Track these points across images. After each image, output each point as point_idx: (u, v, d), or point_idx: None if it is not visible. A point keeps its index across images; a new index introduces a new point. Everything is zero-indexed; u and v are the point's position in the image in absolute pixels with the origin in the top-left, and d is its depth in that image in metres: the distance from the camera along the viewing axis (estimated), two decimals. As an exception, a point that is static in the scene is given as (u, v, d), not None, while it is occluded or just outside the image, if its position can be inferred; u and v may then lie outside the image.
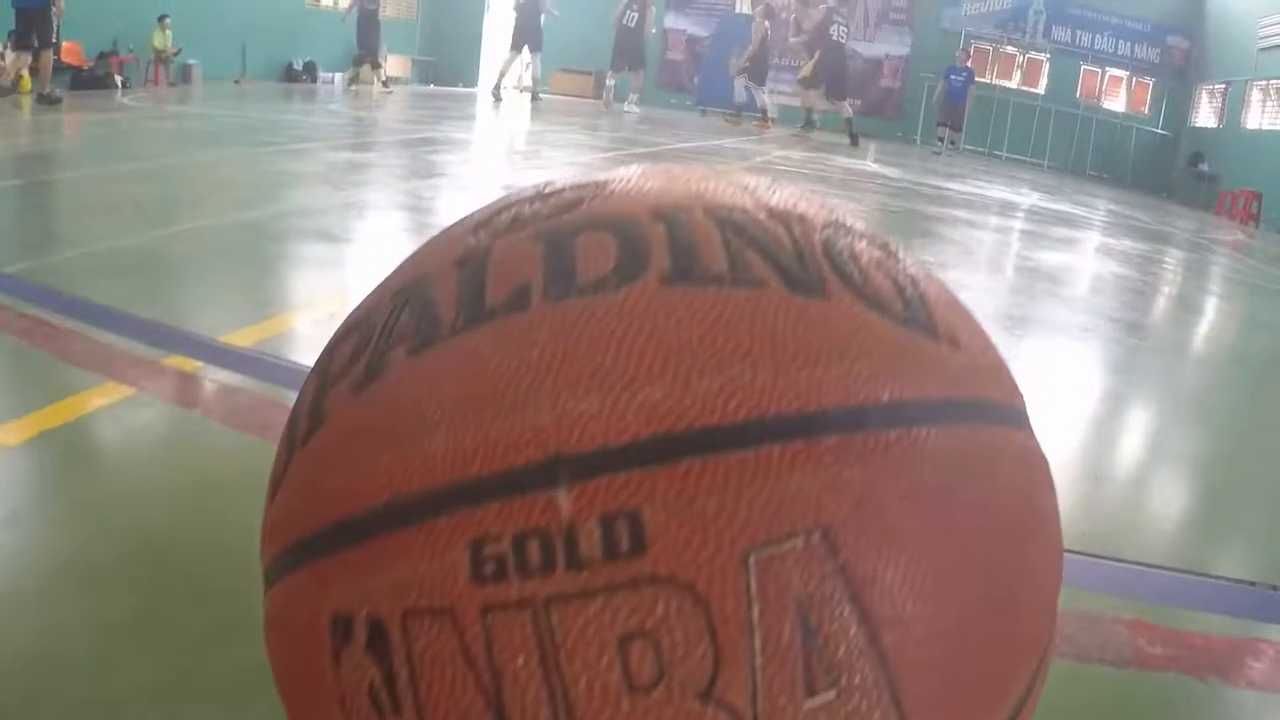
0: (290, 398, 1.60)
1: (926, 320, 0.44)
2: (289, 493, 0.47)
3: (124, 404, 1.52)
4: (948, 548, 0.39)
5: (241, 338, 1.85)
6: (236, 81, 18.88)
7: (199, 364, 1.71)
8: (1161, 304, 3.79)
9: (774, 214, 0.46)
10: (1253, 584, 1.42)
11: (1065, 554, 0.49)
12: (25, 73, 9.94)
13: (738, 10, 17.42)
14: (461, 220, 0.52)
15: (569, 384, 0.38)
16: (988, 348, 0.50)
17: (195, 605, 1.00)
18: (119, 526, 1.17)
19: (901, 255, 0.50)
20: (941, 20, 22.36)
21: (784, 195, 0.50)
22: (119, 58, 16.21)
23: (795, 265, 0.43)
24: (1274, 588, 1.43)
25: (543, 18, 16.18)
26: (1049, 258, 4.30)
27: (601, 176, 0.50)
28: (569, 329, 0.40)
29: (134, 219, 2.96)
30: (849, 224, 0.49)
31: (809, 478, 0.37)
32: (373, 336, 0.45)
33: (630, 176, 0.50)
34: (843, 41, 15.42)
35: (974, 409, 0.44)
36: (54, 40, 9.73)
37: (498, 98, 15.25)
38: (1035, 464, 0.48)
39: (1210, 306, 4.27)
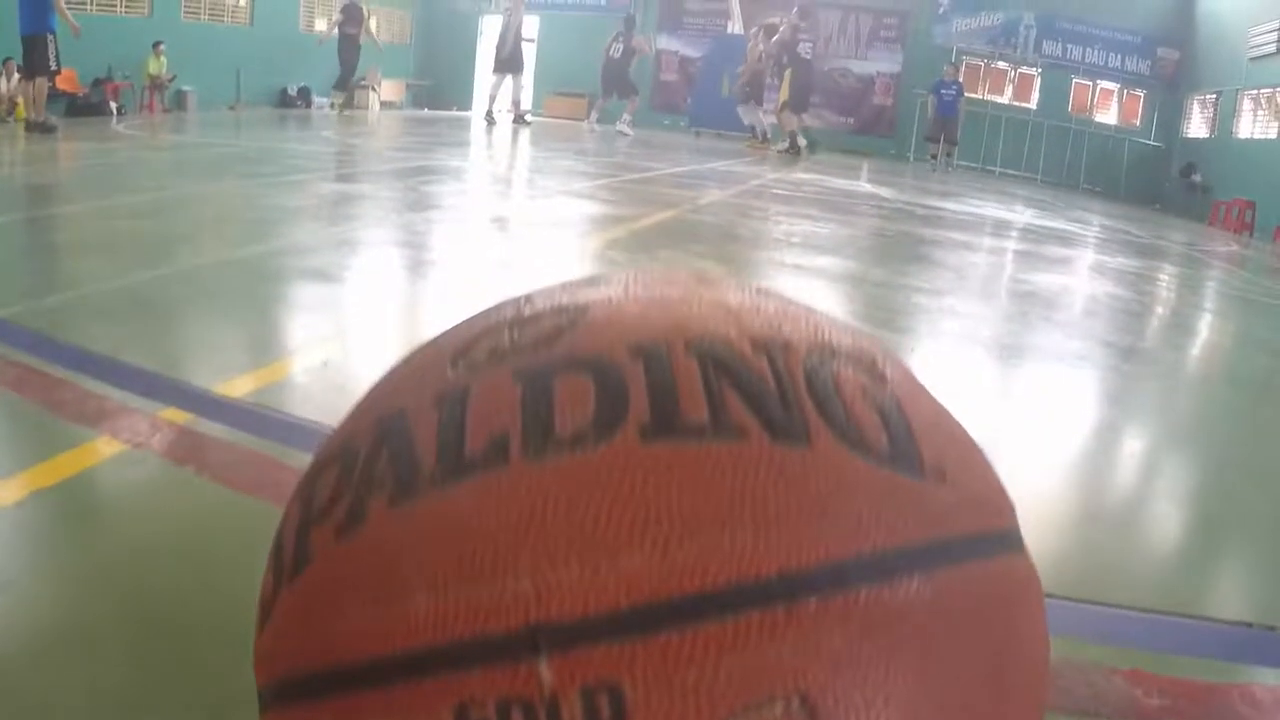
0: (282, 454, 1.60)
1: (911, 454, 0.44)
2: (278, 626, 0.47)
3: (117, 461, 1.51)
4: (928, 700, 0.39)
5: (235, 387, 1.84)
6: (231, 108, 18.93)
7: (192, 416, 1.70)
8: (1156, 326, 3.79)
9: (757, 343, 0.46)
10: (1249, 625, 1.41)
11: (1059, 601, 0.49)
12: (20, 100, 9.96)
13: (730, 31, 17.47)
14: (441, 340, 0.52)
15: (548, 550, 0.38)
16: (975, 469, 0.50)
17: (189, 678, 0.99)
18: (113, 592, 1.16)
19: (888, 373, 0.49)
20: (933, 37, 22.43)
21: (768, 316, 0.49)
22: (114, 84, 16.25)
23: (778, 409, 0.42)
24: (1271, 628, 1.42)
25: (523, 43, 16.30)
26: (1043, 279, 4.31)
27: (582, 295, 0.49)
28: (548, 491, 0.39)
29: (128, 258, 2.95)
30: (835, 341, 0.49)
31: (789, 645, 0.37)
32: (354, 474, 0.45)
33: (611, 298, 0.50)
34: (809, 58, 15.44)
35: (958, 547, 0.43)
36: (51, 69, 9.74)
37: (490, 121, 15.33)
38: (1022, 590, 0.48)
39: (1205, 325, 4.28)
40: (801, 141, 15.03)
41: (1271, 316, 5.14)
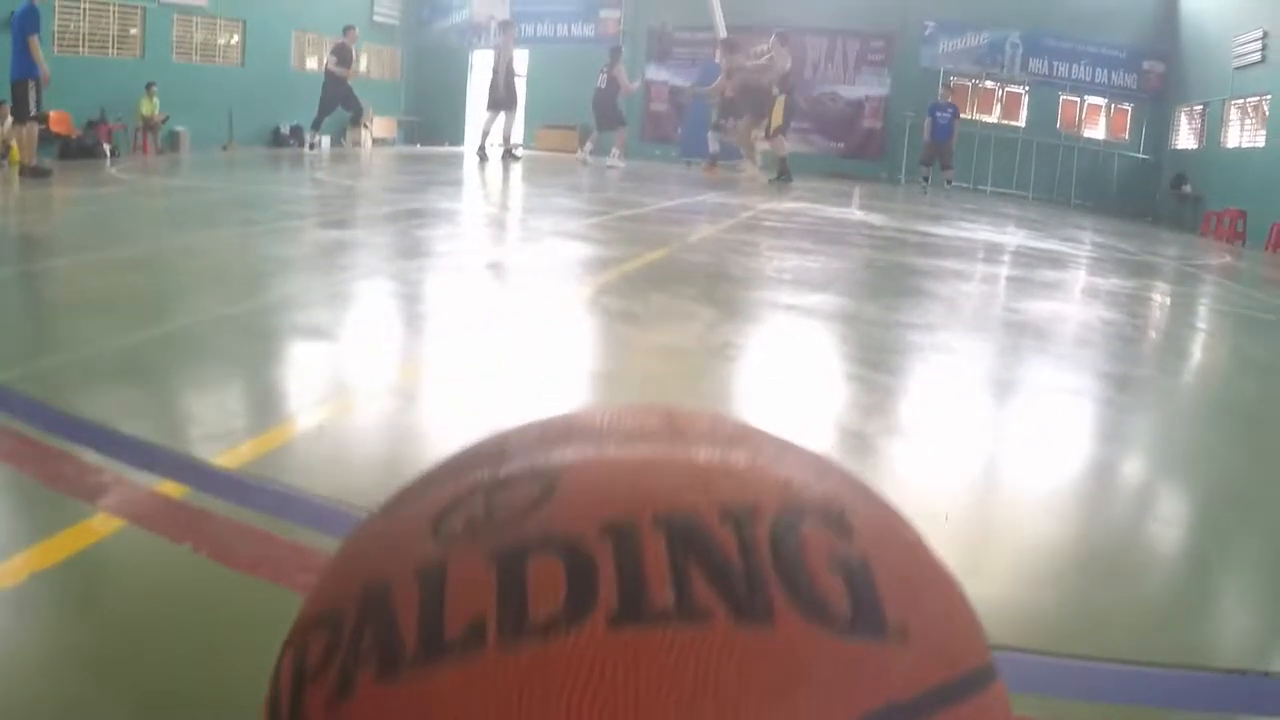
0: (279, 527, 1.60)
1: (874, 616, 0.45)
2: None
3: (116, 539, 1.51)
4: None
5: (232, 457, 1.84)
6: (224, 147, 19.00)
7: (189, 489, 1.71)
8: (1150, 352, 3.79)
9: (725, 512, 0.47)
10: (1244, 673, 1.41)
11: (1053, 659, 0.50)
12: (14, 143, 10.00)
13: (718, 60, 17.56)
14: (422, 497, 0.54)
15: None
16: (942, 613, 0.51)
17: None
18: (113, 673, 1.16)
19: (857, 523, 0.50)
20: (920, 59, 22.57)
21: (737, 474, 0.50)
22: (107, 126, 16.33)
23: (743, 586, 0.44)
24: (1266, 674, 1.42)
25: (515, 79, 16.41)
26: (1036, 308, 4.32)
27: (555, 457, 0.51)
28: (523, 681, 0.41)
29: (123, 317, 2.96)
30: (804, 497, 0.50)
31: None
32: (341, 642, 0.47)
33: (583, 463, 0.51)
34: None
35: (922, 702, 0.45)
36: (33, 114, 9.78)
37: (483, 157, 15.43)
38: None
39: (1198, 347, 4.28)
40: (789, 169, 15.09)
41: (1264, 332, 5.14)
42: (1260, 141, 17.40)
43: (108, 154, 15.62)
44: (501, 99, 16.01)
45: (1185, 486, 2.20)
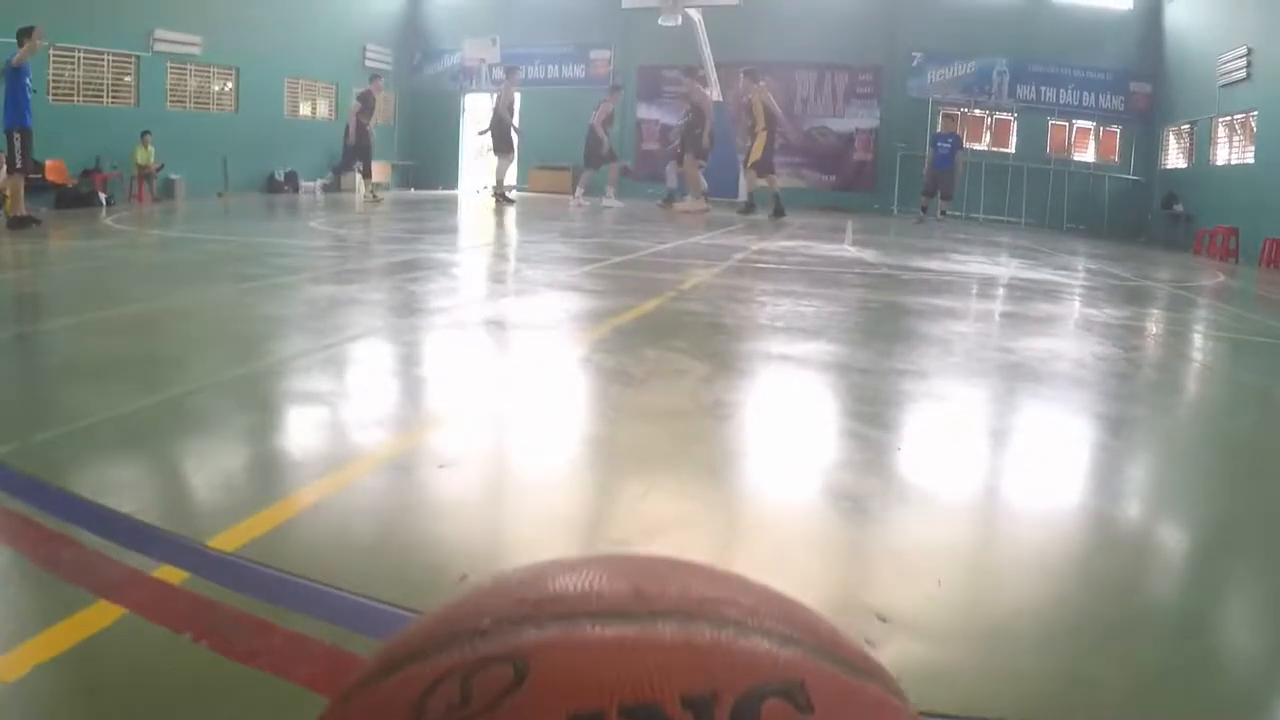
0: (277, 615, 1.60)
1: None
2: None
3: (117, 629, 1.51)
4: None
5: (230, 538, 1.83)
6: (219, 195, 19.10)
7: (188, 575, 1.71)
8: (1145, 388, 3.79)
9: (687, 700, 0.48)
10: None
11: None
12: (8, 193, 10.05)
13: (712, 96, 17.69)
14: (403, 674, 0.54)
15: None
16: None
17: None
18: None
19: (816, 696, 0.51)
20: (908, 90, 22.74)
21: (701, 654, 0.51)
22: (102, 174, 16.41)
23: None
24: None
25: (513, 124, 16.53)
26: (1030, 346, 4.32)
27: (529, 635, 0.51)
28: None
29: (119, 385, 2.97)
30: (767, 672, 0.51)
31: None
32: None
33: (557, 642, 0.52)
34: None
35: None
36: (19, 165, 9.84)
37: (508, 201, 15.79)
38: None
39: (1193, 380, 4.28)
40: (755, 201, 15.23)
41: (1260, 356, 5.14)
42: (1249, 158, 17.50)
43: (103, 203, 15.70)
44: (502, 144, 16.16)
45: (1182, 538, 2.20)
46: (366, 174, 17.38)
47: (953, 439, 2.74)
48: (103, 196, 15.96)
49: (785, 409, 2.97)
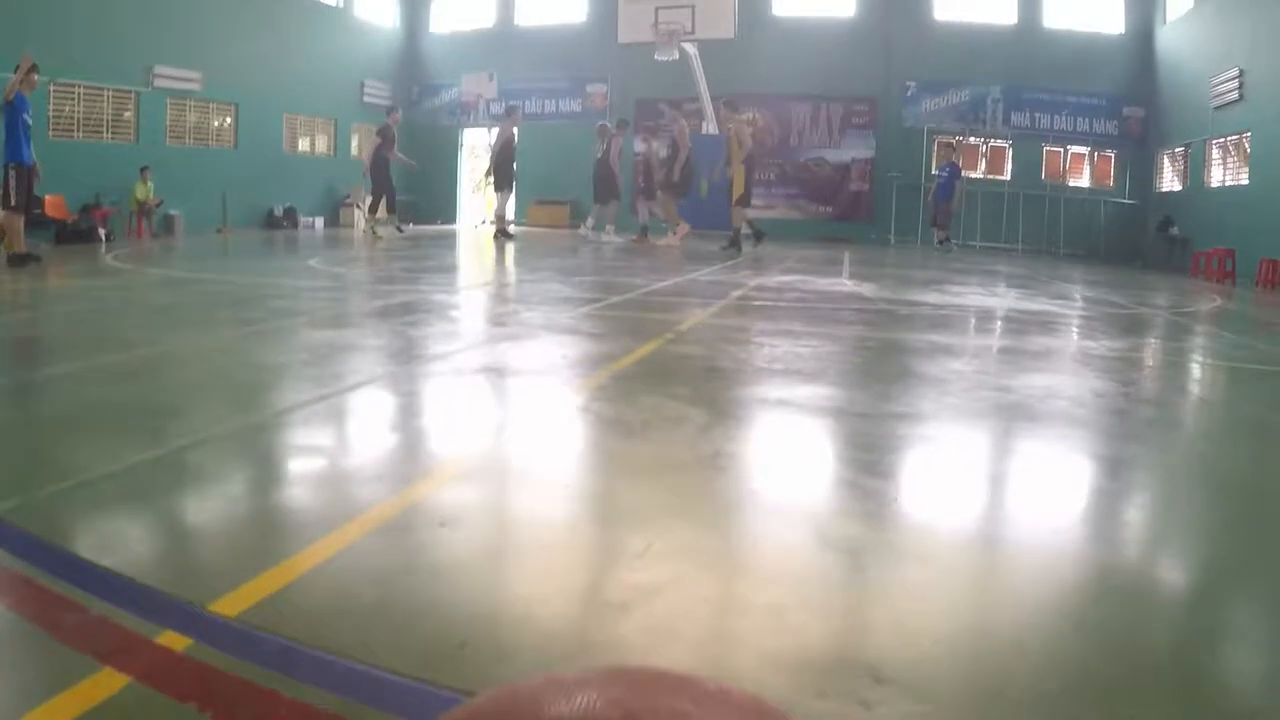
0: (282, 684, 1.60)
1: None
2: None
3: (121, 699, 1.51)
4: None
5: (233, 601, 1.82)
6: (219, 230, 19.17)
7: (190, 640, 1.71)
8: (1142, 425, 3.78)
9: None
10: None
11: None
12: (6, 231, 10.10)
13: (705, 131, 17.80)
14: None
15: None
16: None
17: None
18: None
19: None
20: (903, 119, 22.89)
21: None
22: (102, 210, 16.49)
23: None
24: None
25: (512, 160, 16.59)
26: (1028, 384, 4.33)
27: None
28: None
29: (119, 437, 2.99)
30: None
31: None
32: None
33: None
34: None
35: None
36: (10, 204, 9.86)
37: (505, 235, 15.82)
38: None
39: (1191, 414, 4.28)
40: (747, 231, 15.31)
41: (1257, 386, 5.14)
42: (1244, 179, 17.58)
43: (103, 238, 15.77)
44: (502, 179, 16.26)
45: (1180, 585, 2.19)
46: (374, 209, 17.42)
47: (949, 487, 2.74)
48: (102, 232, 16.03)
49: (782, 459, 2.98)
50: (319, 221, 22.97)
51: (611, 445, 3.06)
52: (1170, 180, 21.77)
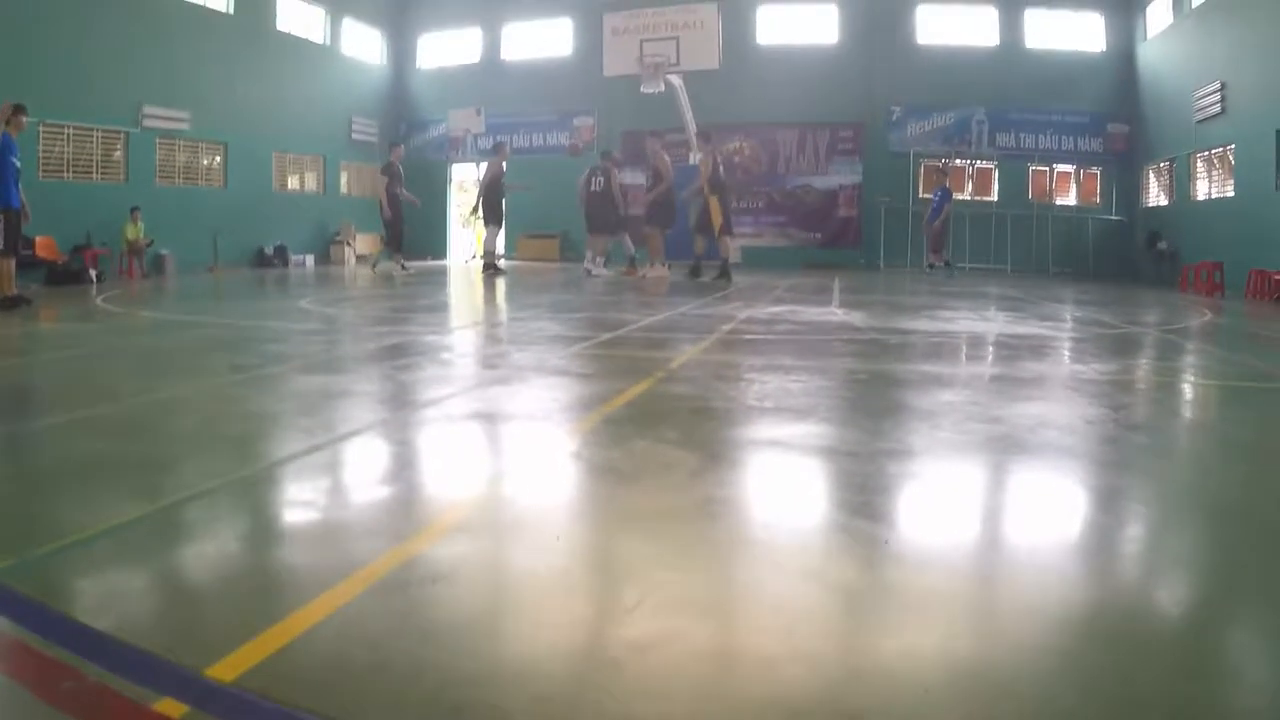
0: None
1: None
2: None
3: None
4: None
5: (229, 665, 1.81)
6: (209, 269, 19.20)
7: (188, 708, 1.70)
8: (1134, 452, 3.78)
9: None
10: None
11: None
12: None
13: (691, 162, 17.88)
14: None
15: None
16: None
17: None
18: None
19: None
20: (889, 144, 23.06)
21: None
22: (93, 251, 16.51)
23: None
24: None
25: (502, 195, 16.68)
26: (1019, 414, 4.34)
27: None
28: None
29: (112, 492, 2.99)
30: None
31: None
32: None
33: None
34: (726, 182, 15.86)
35: None
36: (2, 247, 9.86)
37: (496, 270, 15.88)
38: None
39: (1183, 438, 4.28)
40: (735, 260, 15.44)
41: (1249, 404, 5.16)
42: (1229, 191, 17.72)
43: (94, 279, 15.79)
44: (491, 214, 16.33)
45: (1176, 622, 2.18)
46: (395, 245, 17.45)
47: (940, 528, 2.75)
48: (93, 273, 16.05)
49: (773, 503, 2.98)
50: (309, 259, 23.01)
51: (603, 493, 3.06)
52: (1156, 195, 21.93)
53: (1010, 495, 3.25)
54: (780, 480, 3.30)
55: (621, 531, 2.69)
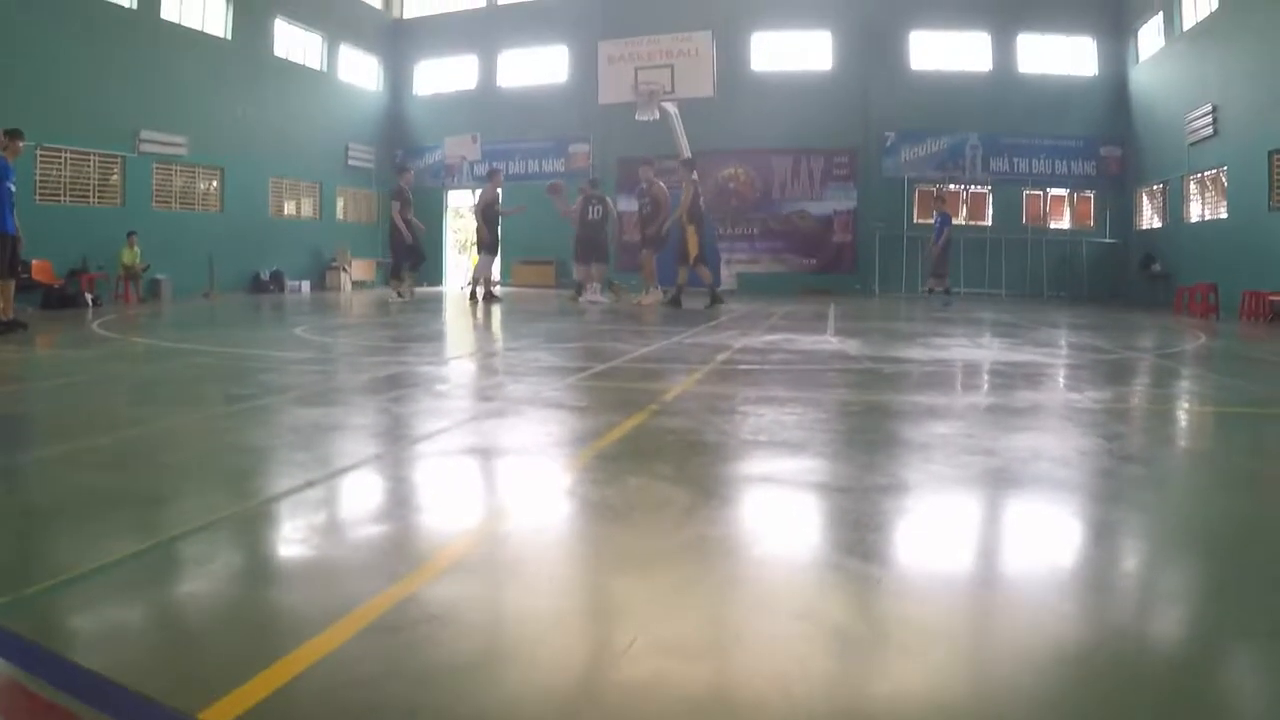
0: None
1: None
2: None
3: None
4: None
5: (224, 708, 1.79)
6: (205, 294, 19.24)
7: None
8: (1129, 483, 3.78)
9: None
10: None
11: None
12: None
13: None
14: None
15: None
16: None
17: None
18: None
19: None
20: (884, 169, 23.19)
21: None
22: (89, 275, 16.54)
23: None
24: None
25: (498, 223, 16.73)
26: (1012, 446, 4.35)
27: None
28: None
29: (106, 526, 2.99)
30: None
31: None
32: None
33: None
34: (705, 211, 15.95)
35: None
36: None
37: (493, 298, 15.90)
38: None
39: (1181, 467, 4.27)
40: (730, 286, 15.52)
41: (1244, 431, 5.18)
42: (1222, 213, 17.82)
43: (89, 303, 15.81)
44: (486, 242, 16.37)
45: (1172, 665, 2.18)
46: (414, 267, 17.43)
47: (932, 566, 2.75)
48: (89, 297, 16.09)
49: (765, 542, 2.98)
50: (305, 285, 23.07)
51: (596, 532, 3.06)
52: (1150, 218, 22.05)
53: (1003, 531, 3.25)
54: (773, 518, 3.30)
55: (614, 571, 2.69)
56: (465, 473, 3.94)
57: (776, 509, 3.41)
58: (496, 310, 14.67)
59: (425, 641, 2.14)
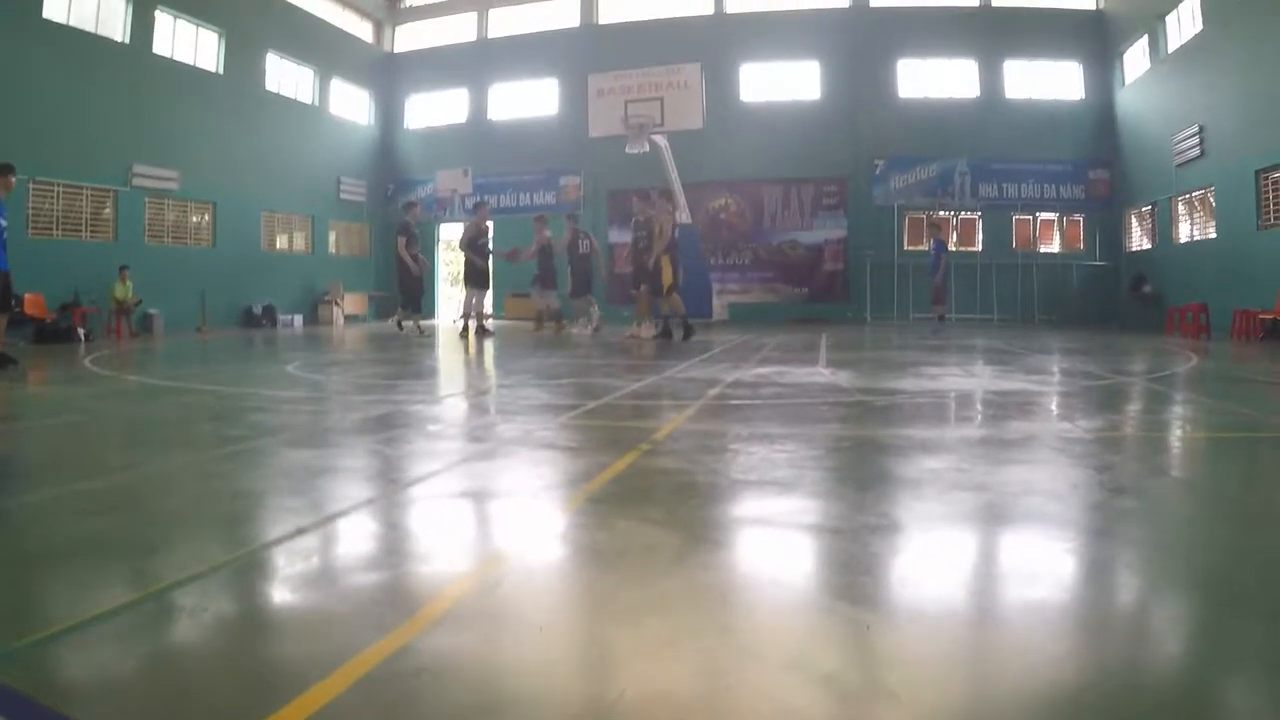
0: None
1: None
2: None
3: None
4: None
5: None
6: (198, 329, 19.24)
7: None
8: (1120, 516, 3.78)
9: None
10: None
11: None
12: None
13: (679, 220, 18.07)
14: None
15: None
16: None
17: None
18: None
19: None
20: (874, 197, 23.33)
21: None
22: (81, 309, 16.52)
23: None
24: None
25: (488, 258, 16.77)
26: (1003, 480, 4.36)
27: None
28: None
29: (99, 576, 2.99)
30: None
31: None
32: None
33: None
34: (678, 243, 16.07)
35: None
36: None
37: (485, 331, 15.93)
38: None
39: (1173, 499, 4.24)
40: (722, 317, 15.63)
41: (1237, 457, 5.18)
42: (1211, 233, 17.94)
43: (82, 338, 15.79)
44: (476, 276, 16.40)
45: (1166, 704, 2.18)
46: (416, 308, 17.41)
47: (923, 608, 2.75)
48: (81, 332, 16.07)
49: (757, 587, 2.98)
50: (298, 319, 23.08)
51: (586, 578, 3.07)
52: (1139, 239, 22.20)
53: (993, 571, 3.25)
54: (763, 561, 3.30)
55: (605, 620, 2.69)
56: (457, 518, 3.94)
57: (767, 552, 3.41)
58: (489, 344, 14.67)
59: (418, 695, 2.14)
